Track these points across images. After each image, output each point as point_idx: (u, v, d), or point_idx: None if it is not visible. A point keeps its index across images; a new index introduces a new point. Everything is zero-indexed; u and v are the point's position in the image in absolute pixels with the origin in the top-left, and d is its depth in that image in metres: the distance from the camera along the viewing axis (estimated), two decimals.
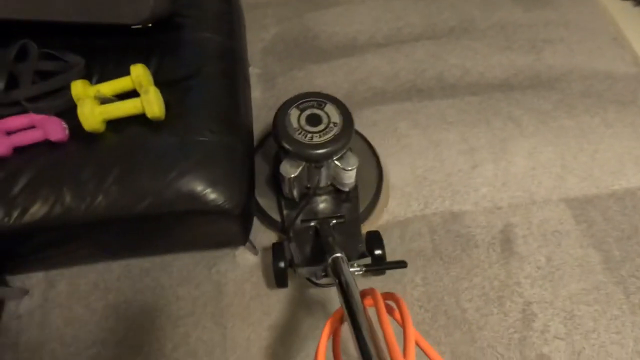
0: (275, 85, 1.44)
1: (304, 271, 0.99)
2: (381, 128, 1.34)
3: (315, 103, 0.92)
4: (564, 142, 1.30)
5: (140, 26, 0.94)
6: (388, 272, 1.07)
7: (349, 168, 0.92)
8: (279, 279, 1.00)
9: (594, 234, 1.15)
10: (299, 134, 0.87)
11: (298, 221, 1.03)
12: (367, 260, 0.99)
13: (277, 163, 0.96)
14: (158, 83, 0.91)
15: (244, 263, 1.13)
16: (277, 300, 1.07)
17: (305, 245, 1.02)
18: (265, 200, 1.10)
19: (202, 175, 0.83)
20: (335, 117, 0.90)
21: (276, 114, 0.92)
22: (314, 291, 1.08)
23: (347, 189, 1.02)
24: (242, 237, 1.00)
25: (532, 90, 1.40)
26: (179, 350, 1.03)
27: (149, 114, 0.85)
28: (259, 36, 1.56)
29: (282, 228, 1.08)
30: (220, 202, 0.83)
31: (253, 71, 1.46)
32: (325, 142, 0.86)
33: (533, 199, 1.20)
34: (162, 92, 0.87)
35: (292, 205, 1.04)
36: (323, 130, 0.88)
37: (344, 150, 0.90)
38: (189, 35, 1.02)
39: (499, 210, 1.19)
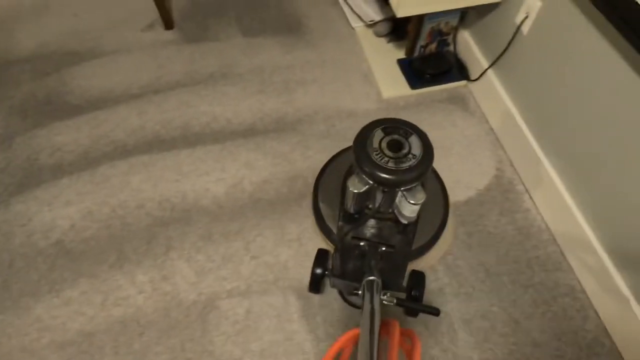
0: (12, 145, 1.38)
1: (337, 282, 1.01)
2: (114, 183, 1.30)
3: (401, 130, 0.92)
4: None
5: None
6: None
7: (413, 202, 0.89)
8: (312, 284, 1.02)
9: (301, 279, 1.15)
10: (377, 154, 0.87)
11: (349, 236, 1.03)
12: (403, 295, 0.99)
13: (348, 175, 0.96)
14: None
15: None
16: None
17: (348, 260, 1.03)
18: (327, 208, 1.12)
19: None
20: (417, 149, 0.89)
21: (362, 129, 0.92)
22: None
23: (405, 222, 1.00)
24: None
25: (275, 133, 1.42)
26: None
27: None
28: (9, 94, 1.50)
29: (333, 238, 1.10)
30: None
31: None
32: (399, 170, 0.86)
33: (248, 248, 1.20)
34: None
35: (349, 219, 1.03)
36: (401, 158, 0.87)
37: (414, 184, 0.89)
38: None
39: (212, 263, 1.17)
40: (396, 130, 0.93)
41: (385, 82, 1.53)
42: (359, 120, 1.45)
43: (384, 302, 0.88)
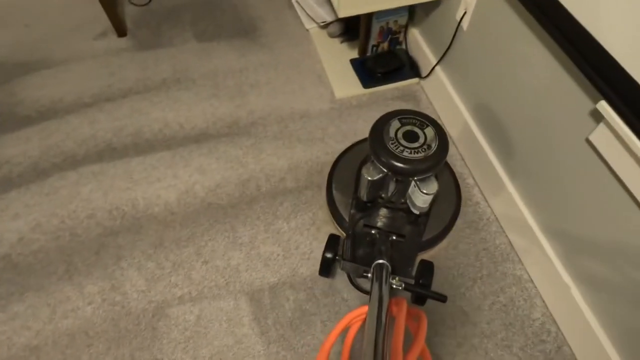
0: None
1: (347, 265, 1.02)
2: (64, 194, 1.29)
3: (418, 122, 0.93)
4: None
5: None
6: None
7: (425, 191, 0.91)
8: (323, 267, 1.02)
9: (252, 282, 1.15)
10: (392, 143, 0.89)
11: (360, 223, 1.04)
12: (411, 281, 0.99)
13: (363, 164, 0.97)
14: None
15: None
16: None
17: (359, 246, 1.05)
18: (340, 196, 1.13)
19: None
20: (432, 141, 0.90)
21: (379, 119, 0.93)
22: None
23: (417, 212, 1.00)
24: None
25: (228, 137, 1.41)
26: None
27: None
28: None
29: (345, 225, 1.10)
30: None
31: None
32: (413, 159, 0.87)
33: (200, 253, 1.19)
34: None
35: (361, 207, 1.05)
36: (416, 148, 0.89)
37: (428, 174, 0.90)
38: None
39: (163, 270, 1.16)
40: (412, 121, 0.95)
41: (338, 82, 1.53)
42: (312, 121, 1.45)
43: (393, 286, 0.90)
